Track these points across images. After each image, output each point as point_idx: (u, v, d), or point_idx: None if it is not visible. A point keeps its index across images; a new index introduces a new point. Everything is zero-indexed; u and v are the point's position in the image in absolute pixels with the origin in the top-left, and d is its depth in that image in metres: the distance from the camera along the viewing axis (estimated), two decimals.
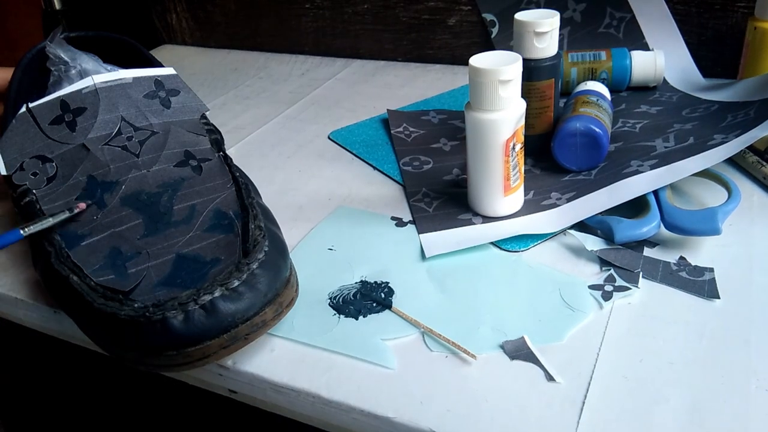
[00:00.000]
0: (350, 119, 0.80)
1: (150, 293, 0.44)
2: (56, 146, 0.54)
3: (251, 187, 0.55)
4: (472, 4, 0.90)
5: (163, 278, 0.46)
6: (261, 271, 0.44)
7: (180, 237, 0.49)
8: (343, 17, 1.00)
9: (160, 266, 0.47)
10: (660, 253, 0.52)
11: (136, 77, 0.57)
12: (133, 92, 0.57)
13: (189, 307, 0.41)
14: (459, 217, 0.57)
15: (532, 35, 0.60)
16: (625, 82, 0.76)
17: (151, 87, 0.58)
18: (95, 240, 0.49)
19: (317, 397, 0.42)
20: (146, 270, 0.46)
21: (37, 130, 0.55)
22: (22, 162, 0.53)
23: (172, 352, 0.41)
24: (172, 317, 0.40)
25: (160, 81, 0.58)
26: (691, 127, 0.63)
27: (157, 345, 0.41)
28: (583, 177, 0.60)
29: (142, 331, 0.41)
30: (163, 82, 0.58)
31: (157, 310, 0.41)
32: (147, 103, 0.57)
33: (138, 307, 0.41)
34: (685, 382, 0.40)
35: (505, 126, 0.52)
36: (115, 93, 0.56)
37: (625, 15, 0.82)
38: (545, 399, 0.40)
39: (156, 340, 0.41)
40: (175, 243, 0.48)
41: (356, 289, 0.51)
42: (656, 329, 0.45)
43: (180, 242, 0.48)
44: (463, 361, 0.44)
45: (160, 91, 0.58)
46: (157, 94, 0.57)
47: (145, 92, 0.57)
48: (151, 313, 0.41)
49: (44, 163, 0.53)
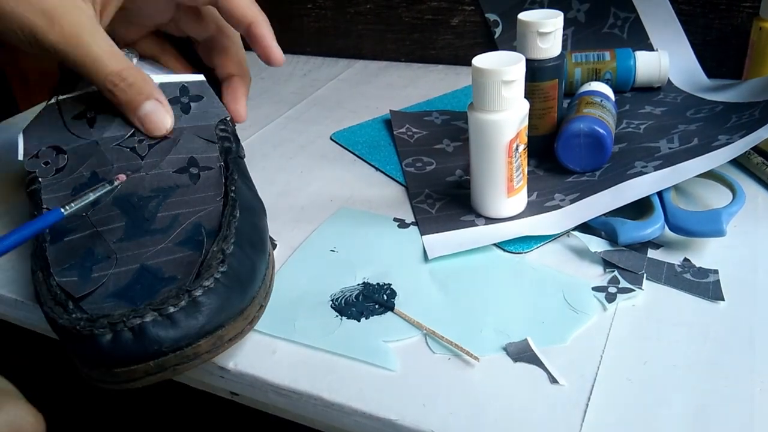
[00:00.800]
0: (352, 120, 0.80)
1: (99, 303, 0.43)
2: (73, 140, 0.55)
3: (245, 203, 0.52)
4: (475, 4, 0.90)
5: (119, 288, 0.44)
6: (205, 299, 0.41)
7: (152, 246, 0.47)
8: (346, 17, 1.00)
9: (122, 275, 0.45)
10: (664, 254, 0.52)
11: (163, 83, 0.57)
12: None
13: (118, 328, 0.39)
14: (462, 218, 0.57)
15: (535, 35, 0.60)
16: (629, 82, 0.76)
17: (175, 93, 0.57)
18: (77, 237, 0.48)
19: (319, 399, 0.42)
20: (107, 277, 0.45)
21: (61, 122, 0.55)
22: (39, 150, 0.54)
23: (102, 368, 0.41)
24: (101, 335, 0.39)
25: (186, 87, 0.58)
26: (695, 128, 0.63)
27: (87, 359, 0.41)
28: (587, 178, 0.60)
29: (75, 343, 0.41)
30: (189, 88, 0.58)
31: (88, 325, 0.40)
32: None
33: (73, 318, 0.41)
34: (690, 384, 0.40)
35: (508, 127, 0.52)
36: None
37: (629, 15, 0.82)
38: (548, 401, 0.40)
39: (86, 354, 0.41)
40: (145, 252, 0.47)
41: (358, 290, 0.51)
42: (660, 331, 0.45)
43: (150, 252, 0.47)
44: (466, 363, 0.44)
45: (183, 97, 0.57)
46: (180, 100, 0.57)
47: (169, 97, 0.56)
48: (81, 327, 0.40)
49: (58, 154, 0.54)
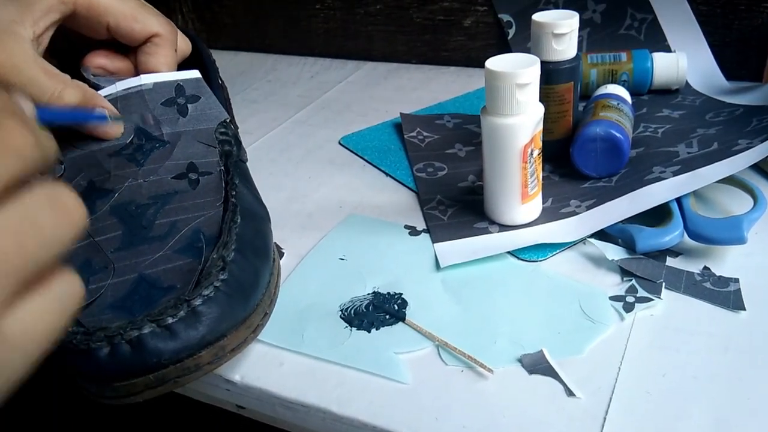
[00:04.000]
0: (362, 124, 0.80)
1: (97, 315, 0.43)
2: (70, 150, 0.54)
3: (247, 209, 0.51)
4: (488, 5, 0.90)
5: (117, 300, 0.44)
6: (205, 308, 0.41)
7: (150, 255, 0.47)
8: (355, 18, 1.00)
9: (119, 285, 0.45)
10: (683, 262, 0.52)
11: (157, 82, 0.56)
12: (152, 99, 0.56)
13: (115, 341, 0.39)
14: (475, 225, 0.57)
15: (550, 37, 0.60)
16: (646, 84, 0.76)
17: (171, 93, 0.56)
18: (73, 248, 0.48)
19: (328, 412, 0.43)
20: (105, 288, 0.45)
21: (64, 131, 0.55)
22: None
23: (100, 383, 0.41)
24: (98, 349, 0.39)
25: (181, 86, 0.57)
26: (715, 132, 0.63)
27: (85, 373, 0.41)
28: (604, 184, 0.60)
29: (73, 357, 0.40)
30: (185, 86, 0.57)
31: (84, 338, 0.40)
32: (164, 111, 0.56)
33: (70, 332, 0.40)
34: (710, 397, 0.40)
35: (522, 131, 0.52)
36: (133, 101, 0.55)
37: (646, 16, 0.81)
38: (565, 415, 0.40)
39: (84, 368, 0.41)
40: (143, 261, 0.47)
41: (368, 300, 0.51)
42: (680, 342, 0.45)
43: (147, 261, 0.47)
44: (480, 376, 0.44)
45: (180, 97, 0.56)
46: (176, 101, 0.56)
47: (164, 99, 0.56)
48: (77, 341, 0.40)
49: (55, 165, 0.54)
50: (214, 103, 0.58)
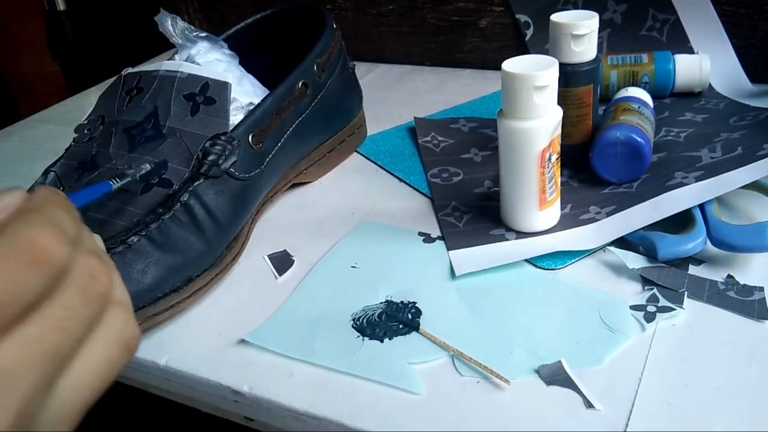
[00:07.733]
0: (374, 128, 0.81)
1: None
2: (111, 113, 0.59)
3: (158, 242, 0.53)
4: (504, 5, 0.90)
5: None
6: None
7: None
8: (367, 19, 1.00)
9: None
10: (706, 271, 0.52)
11: (191, 74, 0.59)
12: (179, 89, 0.58)
13: None
14: (491, 232, 0.57)
15: (569, 38, 0.60)
16: (668, 87, 0.76)
17: (196, 88, 0.58)
18: None
19: (339, 425, 0.43)
20: None
21: (117, 94, 0.60)
22: (91, 116, 0.60)
23: None
24: None
25: (207, 84, 0.58)
26: (739, 136, 0.63)
27: None
28: (624, 190, 0.60)
29: None
30: (211, 86, 0.59)
31: None
32: (181, 103, 0.58)
33: None
34: (733, 409, 0.40)
35: (540, 135, 0.52)
36: (165, 84, 0.59)
37: (668, 17, 0.82)
38: (584, 427, 0.40)
39: None
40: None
41: (381, 309, 0.51)
42: (702, 352, 0.45)
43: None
44: (496, 387, 0.44)
45: (200, 95, 0.58)
46: (195, 98, 0.58)
47: (188, 92, 0.58)
48: None
49: (98, 123, 0.59)
50: (224, 113, 0.58)
